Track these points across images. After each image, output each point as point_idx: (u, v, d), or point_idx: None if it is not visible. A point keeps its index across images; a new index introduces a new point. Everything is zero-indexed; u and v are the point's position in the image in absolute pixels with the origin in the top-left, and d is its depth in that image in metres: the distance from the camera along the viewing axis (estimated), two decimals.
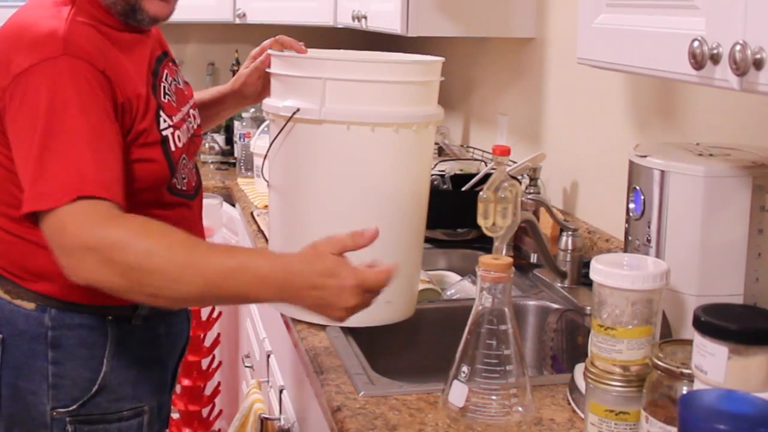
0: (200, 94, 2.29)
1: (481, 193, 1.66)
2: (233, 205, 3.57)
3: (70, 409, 1.83)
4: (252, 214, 3.02)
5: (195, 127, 2.02)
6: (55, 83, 1.65)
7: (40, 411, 1.83)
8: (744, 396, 1.07)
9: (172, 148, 1.85)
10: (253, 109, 4.10)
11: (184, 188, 1.93)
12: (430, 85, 1.95)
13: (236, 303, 1.63)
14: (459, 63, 3.53)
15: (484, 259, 1.51)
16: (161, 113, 1.83)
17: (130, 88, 1.75)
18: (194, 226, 1.97)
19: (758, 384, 1.14)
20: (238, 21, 4.01)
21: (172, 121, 1.86)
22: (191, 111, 2.01)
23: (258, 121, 3.85)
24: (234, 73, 4.43)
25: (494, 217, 1.65)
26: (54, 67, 1.65)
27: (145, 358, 1.93)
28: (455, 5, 2.74)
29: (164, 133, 1.83)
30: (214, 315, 3.62)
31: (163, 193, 1.88)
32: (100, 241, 1.56)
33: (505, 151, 2.31)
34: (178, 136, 1.88)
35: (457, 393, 1.51)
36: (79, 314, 1.83)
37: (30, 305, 1.82)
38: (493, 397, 1.50)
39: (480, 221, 1.66)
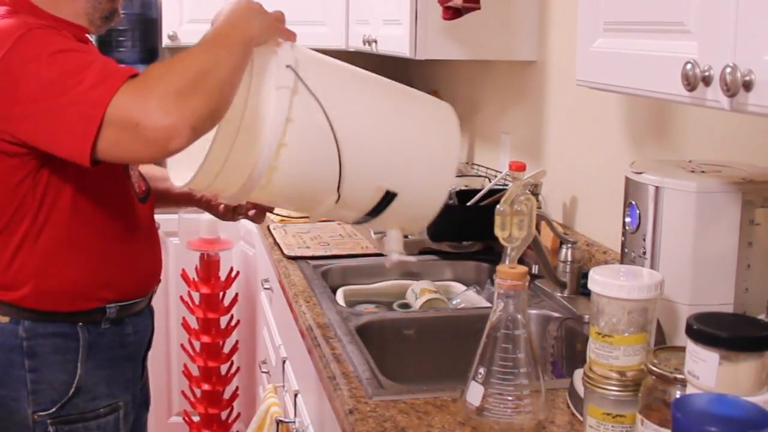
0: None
1: (498, 206, 1.66)
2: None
3: (50, 411, 1.85)
4: (268, 227, 3.03)
5: None
6: (37, 44, 1.63)
7: (22, 416, 1.85)
8: (734, 400, 1.07)
9: None
10: None
11: (135, 190, 1.96)
12: None
13: (243, 42, 1.61)
14: (464, 84, 3.54)
15: (501, 267, 1.51)
16: None
17: None
18: (148, 227, 2.01)
19: (747, 388, 1.14)
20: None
21: None
22: None
23: None
24: None
25: (511, 228, 1.65)
26: (27, 38, 1.63)
27: (115, 357, 1.95)
28: (461, 30, 2.74)
29: None
30: (233, 323, 3.63)
31: (121, 190, 1.91)
32: (162, 80, 1.54)
33: (521, 167, 2.30)
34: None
35: (474, 393, 1.51)
36: (52, 323, 1.84)
37: (4, 319, 1.83)
38: (509, 398, 1.50)
39: (497, 232, 1.66)
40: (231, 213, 2.17)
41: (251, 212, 2.12)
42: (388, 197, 1.71)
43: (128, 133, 1.53)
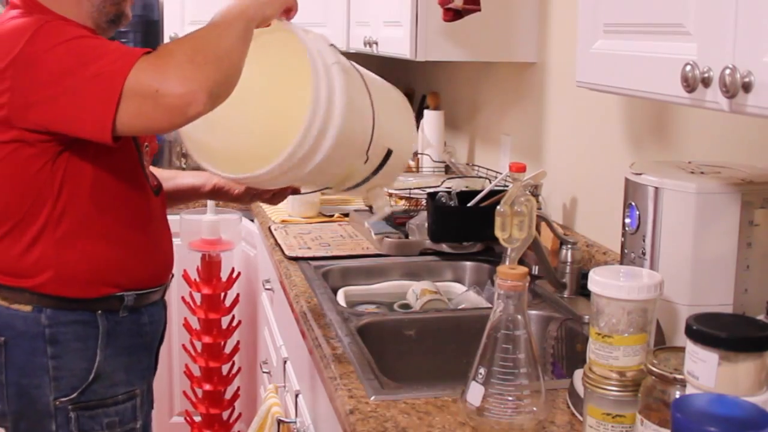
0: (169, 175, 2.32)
1: (498, 207, 1.66)
2: (252, 221, 3.57)
3: (71, 397, 1.90)
4: (269, 228, 3.03)
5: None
6: (54, 34, 1.70)
7: (44, 403, 1.89)
8: (733, 400, 1.07)
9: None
10: None
11: (149, 182, 2.01)
12: None
13: (247, 25, 1.73)
14: (464, 86, 3.54)
15: (502, 268, 1.51)
16: None
17: None
18: (161, 219, 2.06)
19: (746, 389, 1.14)
20: None
21: None
22: None
23: None
24: None
25: (511, 229, 1.65)
26: (45, 29, 1.71)
27: (132, 345, 2.00)
28: (461, 31, 2.74)
29: None
30: (234, 324, 3.63)
31: (137, 180, 1.96)
32: (176, 53, 1.65)
33: (521, 168, 2.30)
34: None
35: (475, 393, 1.51)
36: (72, 311, 1.89)
37: (27, 308, 1.87)
38: (509, 398, 1.50)
39: (498, 233, 1.66)
40: (249, 196, 2.24)
41: (269, 195, 2.19)
42: (388, 155, 1.86)
43: (149, 101, 1.62)
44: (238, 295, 3.65)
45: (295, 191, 2.19)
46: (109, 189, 1.88)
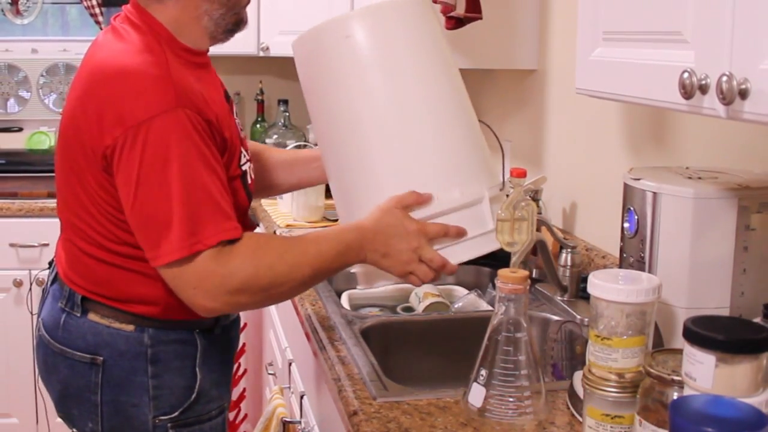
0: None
1: (499, 211, 1.67)
2: (257, 225, 3.57)
3: (172, 416, 1.86)
4: (274, 232, 3.03)
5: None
6: (175, 135, 1.63)
7: (142, 421, 1.84)
8: (730, 401, 1.07)
9: (249, 180, 1.89)
10: (276, 135, 4.11)
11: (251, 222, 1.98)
12: None
13: (335, 273, 1.80)
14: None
15: (503, 272, 1.51)
16: (242, 149, 1.86)
17: (225, 130, 1.77)
18: None
19: (743, 390, 1.14)
20: (261, 54, 4.03)
21: (248, 155, 1.89)
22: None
23: (280, 146, 3.86)
24: (258, 102, 4.45)
25: (512, 234, 1.65)
26: (172, 120, 1.63)
27: (223, 361, 1.98)
28: (463, 40, 2.74)
29: (243, 167, 1.85)
30: (240, 326, 3.62)
31: (245, 223, 1.90)
32: (233, 278, 1.65)
33: (522, 174, 2.30)
34: (252, 168, 1.92)
35: (476, 394, 1.51)
36: (173, 330, 1.85)
37: (129, 327, 1.82)
38: (510, 399, 1.50)
39: (499, 238, 1.66)
40: None
41: None
42: None
43: (185, 284, 1.67)
44: None
45: None
46: None
